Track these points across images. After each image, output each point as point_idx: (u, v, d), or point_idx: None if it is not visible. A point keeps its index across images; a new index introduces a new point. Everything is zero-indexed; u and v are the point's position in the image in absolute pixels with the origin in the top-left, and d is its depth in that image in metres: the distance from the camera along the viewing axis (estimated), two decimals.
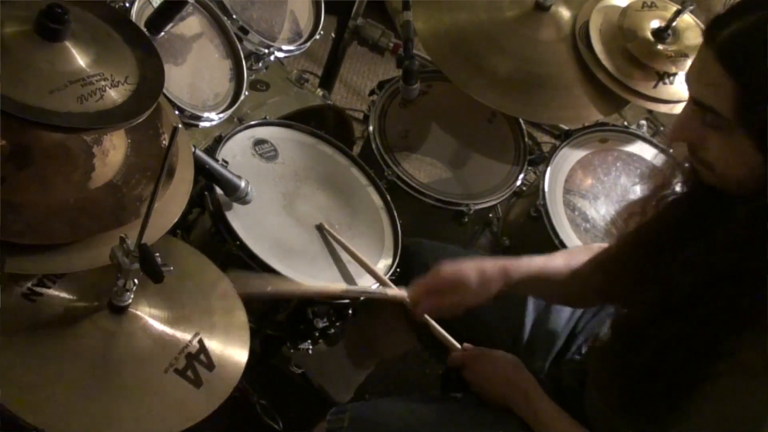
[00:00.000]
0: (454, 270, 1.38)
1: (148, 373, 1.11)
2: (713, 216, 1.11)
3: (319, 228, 1.63)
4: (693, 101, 1.04)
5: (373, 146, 1.98)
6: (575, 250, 1.50)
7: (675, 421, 1.10)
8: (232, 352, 1.22)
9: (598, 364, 1.32)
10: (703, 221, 1.14)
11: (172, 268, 1.06)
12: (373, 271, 1.56)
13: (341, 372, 1.95)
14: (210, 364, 1.16)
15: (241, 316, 1.29)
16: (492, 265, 1.39)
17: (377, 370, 2.10)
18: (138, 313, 1.16)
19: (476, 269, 1.37)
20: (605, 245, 1.41)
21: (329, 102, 2.14)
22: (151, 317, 1.17)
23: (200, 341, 1.18)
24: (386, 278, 1.56)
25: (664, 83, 1.97)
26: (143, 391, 1.10)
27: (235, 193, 1.49)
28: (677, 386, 1.10)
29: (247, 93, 1.75)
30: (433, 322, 1.47)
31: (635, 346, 1.17)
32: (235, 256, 1.48)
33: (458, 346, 1.46)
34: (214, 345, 1.20)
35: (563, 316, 1.55)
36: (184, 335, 1.18)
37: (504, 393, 1.37)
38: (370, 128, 2.01)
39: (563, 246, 1.89)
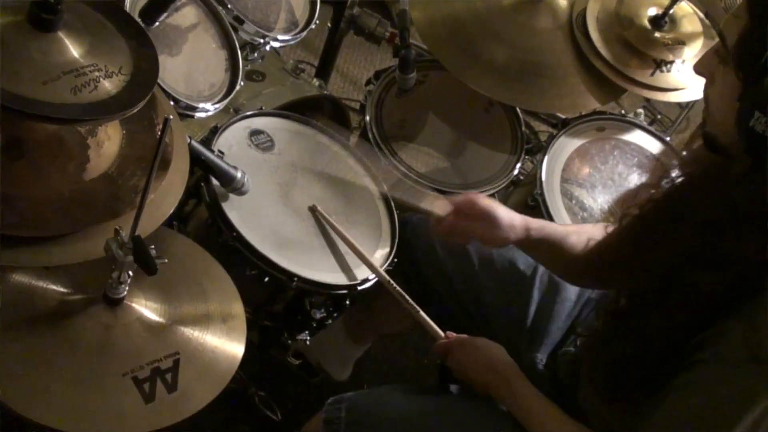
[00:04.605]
0: (489, 203, 1.43)
1: (106, 370, 1.10)
2: (704, 199, 1.13)
3: (312, 210, 1.64)
4: (719, 33, 1.11)
5: (370, 136, 1.97)
6: (590, 229, 1.49)
7: (653, 409, 1.11)
8: (227, 348, 1.22)
9: (587, 353, 1.33)
10: (693, 205, 1.15)
11: (166, 259, 1.05)
12: (362, 255, 1.58)
13: (339, 348, 1.94)
14: (172, 387, 1.13)
15: (238, 308, 1.29)
16: (519, 217, 1.45)
17: (375, 360, 2.10)
18: (134, 305, 1.16)
19: (507, 212, 1.44)
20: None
21: (326, 92, 2.13)
22: (147, 309, 1.17)
23: (176, 362, 1.15)
24: (378, 267, 1.58)
25: (662, 71, 1.96)
26: (94, 385, 1.08)
27: (231, 184, 1.49)
28: (656, 374, 1.12)
29: (242, 83, 1.74)
30: (420, 311, 1.48)
31: (619, 334, 1.19)
32: (231, 247, 1.48)
33: (442, 334, 1.46)
34: (200, 356, 1.19)
35: (566, 305, 1.55)
36: (171, 340, 1.17)
37: (486, 380, 1.36)
38: (367, 118, 2.00)
39: None
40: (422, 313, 1.48)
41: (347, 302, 1.62)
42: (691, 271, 1.08)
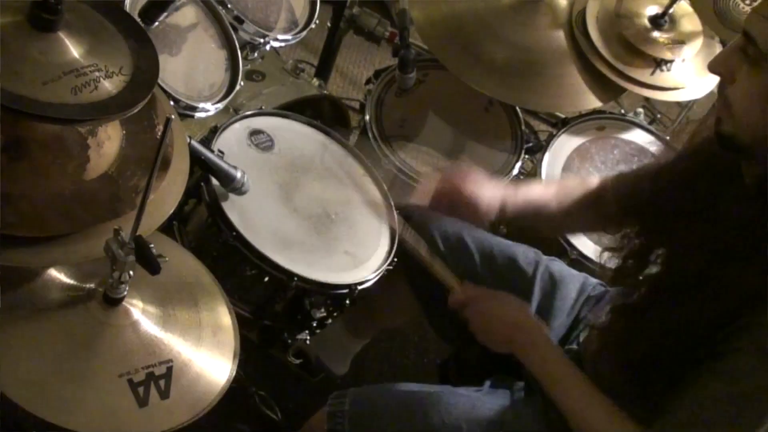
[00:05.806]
0: (472, 190, 1.51)
1: (102, 369, 1.10)
2: (721, 190, 1.14)
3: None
4: (743, 32, 1.07)
5: (370, 135, 1.97)
6: (570, 185, 1.56)
7: (674, 399, 1.10)
8: (217, 360, 1.22)
9: (597, 347, 1.32)
10: (710, 196, 1.15)
11: (167, 258, 1.05)
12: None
13: (338, 342, 1.94)
14: (165, 393, 1.13)
15: (227, 321, 1.29)
16: (498, 195, 1.51)
17: (376, 359, 2.10)
18: (132, 309, 1.16)
19: (489, 193, 1.50)
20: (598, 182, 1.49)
21: (325, 92, 2.13)
22: (144, 315, 1.17)
23: (169, 369, 1.15)
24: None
25: (661, 70, 1.97)
26: (90, 382, 1.09)
27: (231, 184, 1.49)
28: (677, 366, 1.11)
29: (242, 83, 1.74)
30: (434, 262, 1.49)
31: (636, 328, 1.18)
32: (231, 247, 1.48)
33: (458, 286, 1.44)
34: (191, 366, 1.19)
35: (567, 302, 1.55)
36: (165, 347, 1.17)
37: (511, 337, 1.34)
38: (367, 117, 2.00)
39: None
40: (438, 264, 1.50)
41: (347, 302, 1.62)
42: (723, 265, 1.08)
